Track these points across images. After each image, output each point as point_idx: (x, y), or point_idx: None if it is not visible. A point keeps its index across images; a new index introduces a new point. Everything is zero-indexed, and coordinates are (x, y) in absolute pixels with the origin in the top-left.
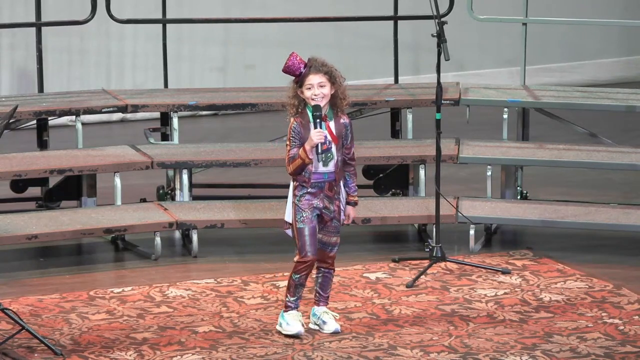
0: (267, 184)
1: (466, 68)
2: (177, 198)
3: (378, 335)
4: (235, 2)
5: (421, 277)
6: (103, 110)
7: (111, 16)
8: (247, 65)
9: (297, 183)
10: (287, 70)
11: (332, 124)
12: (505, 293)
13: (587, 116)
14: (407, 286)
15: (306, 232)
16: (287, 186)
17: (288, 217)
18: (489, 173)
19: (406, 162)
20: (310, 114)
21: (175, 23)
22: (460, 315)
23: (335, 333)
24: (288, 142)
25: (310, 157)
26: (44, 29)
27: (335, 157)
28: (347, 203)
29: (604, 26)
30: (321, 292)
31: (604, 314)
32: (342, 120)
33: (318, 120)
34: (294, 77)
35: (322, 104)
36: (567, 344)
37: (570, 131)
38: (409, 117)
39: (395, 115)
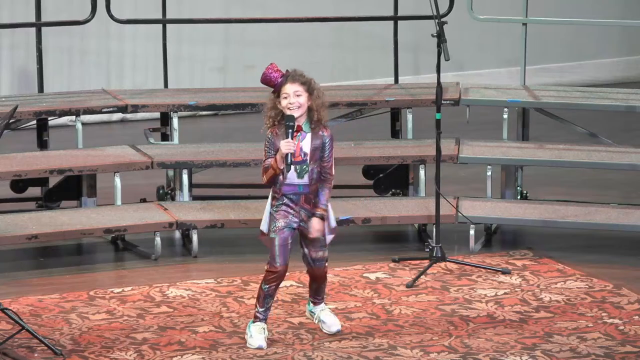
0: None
1: (466, 68)
2: (177, 198)
3: (378, 335)
4: (235, 2)
5: (421, 277)
6: (103, 110)
7: (111, 16)
8: (247, 65)
9: (273, 193)
10: (264, 80)
11: (308, 137)
12: (505, 293)
13: (587, 116)
14: (407, 286)
15: (277, 242)
16: None
17: (264, 226)
18: (489, 173)
19: (406, 162)
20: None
21: (175, 23)
22: (460, 315)
23: (336, 333)
24: (264, 152)
25: (281, 166)
26: (44, 29)
27: (310, 170)
28: (313, 215)
29: (603, 26)
30: (316, 296)
31: (604, 314)
32: (320, 133)
33: (290, 131)
34: (272, 89)
35: (297, 114)
36: (567, 344)
37: (570, 131)
38: (409, 117)
39: (395, 115)
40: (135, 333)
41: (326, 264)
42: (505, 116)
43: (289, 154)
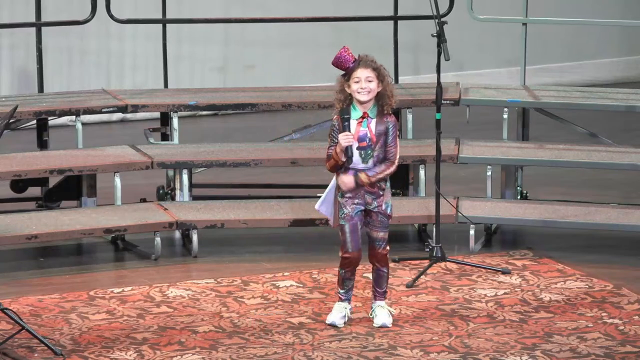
0: (267, 184)
1: (466, 68)
2: (177, 198)
3: (378, 335)
4: (235, 2)
5: (421, 277)
6: (103, 110)
7: (111, 16)
8: (247, 65)
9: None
10: (336, 62)
11: (373, 123)
12: (505, 293)
13: (587, 116)
14: (407, 286)
15: (347, 229)
16: (287, 186)
17: (323, 208)
18: (489, 173)
19: (406, 162)
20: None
21: (175, 23)
22: (460, 315)
23: (382, 327)
24: (329, 139)
25: (342, 159)
26: (44, 29)
27: (375, 155)
28: (373, 194)
29: (603, 26)
30: (377, 288)
31: (604, 314)
32: (386, 120)
33: (346, 124)
34: (342, 72)
35: (365, 99)
36: (567, 344)
37: (570, 131)
38: (409, 117)
39: (395, 115)
40: (135, 333)
41: (387, 247)
42: (505, 116)
43: (349, 147)
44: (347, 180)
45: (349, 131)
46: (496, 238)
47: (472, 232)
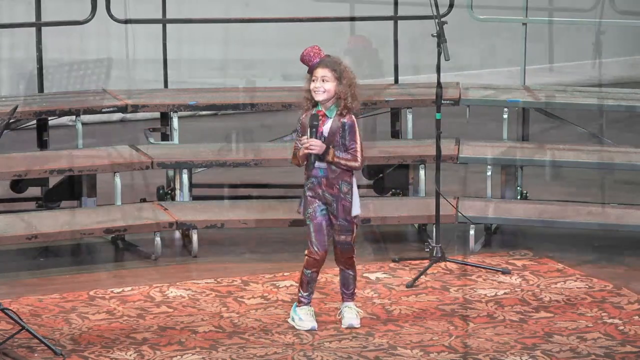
0: (267, 184)
1: (466, 68)
2: (177, 198)
3: (378, 335)
4: (235, 2)
5: (421, 277)
6: (103, 110)
7: (111, 16)
8: (247, 65)
9: (306, 175)
10: (302, 58)
11: (329, 122)
12: (505, 293)
13: (587, 116)
14: (407, 286)
15: (312, 228)
16: (286, 186)
17: (301, 209)
18: (489, 173)
19: (406, 162)
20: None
21: (175, 23)
22: (460, 315)
23: (349, 327)
24: (295, 134)
25: (302, 162)
26: (44, 29)
27: None
28: (338, 198)
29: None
30: (344, 290)
31: (604, 314)
32: (342, 120)
33: (314, 130)
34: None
35: (320, 98)
36: (567, 344)
37: (571, 131)
38: (409, 117)
39: (395, 115)
40: (135, 333)
41: (352, 250)
42: (505, 116)
43: (313, 155)
44: (314, 141)
45: (315, 138)
46: (496, 238)
47: (472, 232)
